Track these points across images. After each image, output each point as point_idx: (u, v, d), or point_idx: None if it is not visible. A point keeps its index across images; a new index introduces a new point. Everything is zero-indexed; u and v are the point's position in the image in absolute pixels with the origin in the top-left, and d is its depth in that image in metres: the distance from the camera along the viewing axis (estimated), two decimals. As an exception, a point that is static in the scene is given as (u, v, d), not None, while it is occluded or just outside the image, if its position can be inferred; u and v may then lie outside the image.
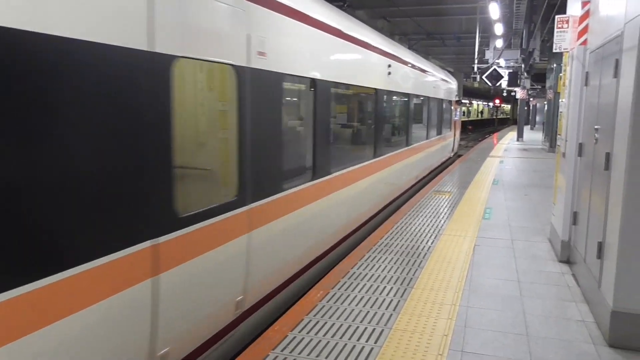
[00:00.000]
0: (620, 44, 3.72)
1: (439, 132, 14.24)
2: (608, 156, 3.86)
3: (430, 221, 7.27)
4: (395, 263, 5.34)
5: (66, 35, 2.21)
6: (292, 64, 4.53)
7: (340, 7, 9.44)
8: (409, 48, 24.64)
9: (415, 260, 5.43)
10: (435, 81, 12.98)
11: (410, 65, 9.86)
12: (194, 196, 3.43)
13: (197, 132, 3.73)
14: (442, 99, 14.44)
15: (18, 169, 2.04)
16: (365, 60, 6.92)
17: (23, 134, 2.05)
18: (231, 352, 3.94)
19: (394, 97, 9.03)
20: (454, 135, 18.34)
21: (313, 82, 5.10)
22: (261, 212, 4.00)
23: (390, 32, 22.55)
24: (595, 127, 4.44)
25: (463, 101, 49.06)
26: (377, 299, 4.38)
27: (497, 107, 68.63)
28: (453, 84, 17.20)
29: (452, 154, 18.17)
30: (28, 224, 2.11)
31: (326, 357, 3.39)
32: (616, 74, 3.79)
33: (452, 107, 17.27)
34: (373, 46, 7.24)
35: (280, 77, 4.29)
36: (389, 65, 8.02)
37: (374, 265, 5.26)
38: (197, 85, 3.75)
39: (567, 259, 5.47)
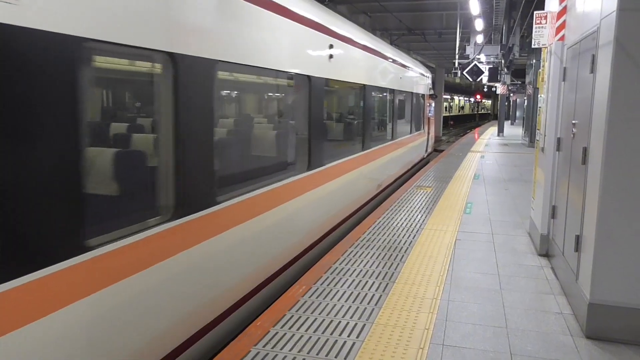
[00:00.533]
0: (597, 40, 3.77)
1: (407, 132, 12.20)
2: (585, 150, 3.92)
3: (412, 216, 7.31)
4: (377, 258, 5.36)
5: None
6: (107, 22, 2.60)
7: (322, 2, 9.36)
8: (390, 43, 24.72)
9: (397, 255, 5.46)
10: (402, 71, 10.87)
11: (364, 48, 7.71)
12: None
13: None
14: (411, 92, 12.36)
15: None
16: (290, 36, 4.96)
17: None
18: (213, 349, 3.92)
19: (340, 88, 7.11)
20: (428, 133, 16.25)
21: (171, 59, 3.17)
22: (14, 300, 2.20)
23: (371, 28, 22.61)
24: (573, 121, 4.50)
25: (445, 96, 49.06)
26: (359, 293, 4.40)
27: (478, 102, 69.36)
28: (426, 76, 15.24)
29: (426, 155, 16.13)
30: None
31: (308, 352, 3.39)
32: (592, 70, 3.84)
33: (425, 102, 15.39)
34: (303, 17, 5.23)
35: (71, 44, 2.38)
36: (331, 46, 6.18)
37: (356, 260, 5.28)
38: None
39: (546, 253, 5.55)
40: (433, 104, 17.26)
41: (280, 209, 4.73)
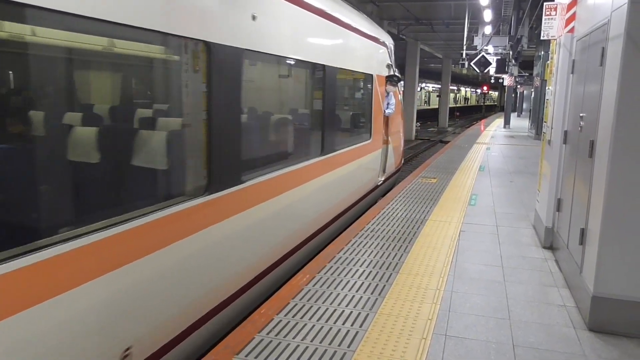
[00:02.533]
0: (607, 32, 3.74)
1: (338, 144, 6.54)
2: (592, 144, 3.91)
3: (417, 207, 7.31)
4: (381, 248, 5.37)
5: None
6: None
7: None
8: (398, 33, 24.58)
9: (401, 246, 5.47)
10: (325, 28, 5.89)
11: None
12: None
13: None
14: (347, 71, 6.99)
15: None
16: None
17: None
18: (217, 335, 3.95)
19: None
20: (387, 142, 9.32)
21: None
22: None
23: (379, 17, 22.47)
24: (581, 114, 4.48)
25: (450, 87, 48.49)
26: (362, 283, 4.42)
27: (484, 94, 69.06)
28: (380, 42, 8.78)
29: (382, 181, 9.19)
30: None
31: (311, 341, 3.42)
32: (602, 62, 3.82)
33: (377, 89, 8.47)
34: None
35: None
36: None
37: (360, 250, 5.30)
38: None
39: (550, 245, 5.55)
40: (394, 94, 9.32)
41: None
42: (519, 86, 34.09)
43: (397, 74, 9.74)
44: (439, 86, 44.55)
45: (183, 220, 3.37)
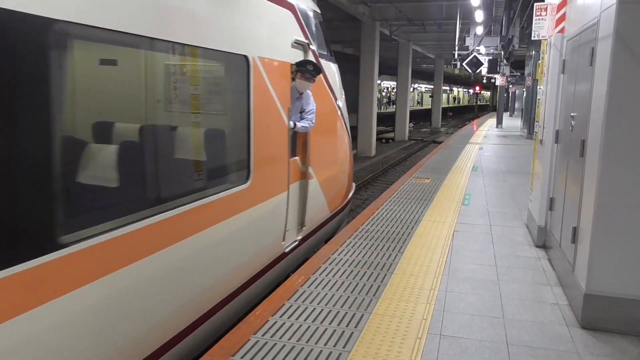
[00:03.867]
0: (596, 33, 3.78)
1: (119, 211, 2.86)
2: (583, 143, 3.94)
3: (411, 207, 7.34)
4: (375, 249, 5.39)
5: None
6: None
7: None
8: (390, 34, 24.60)
9: (396, 246, 5.49)
10: None
11: None
12: None
13: None
14: (152, 41, 3.03)
15: None
16: None
17: None
18: (212, 336, 3.96)
19: None
20: (307, 176, 5.62)
21: None
22: None
23: (371, 18, 22.53)
24: (572, 114, 4.52)
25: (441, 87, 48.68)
26: (357, 284, 4.43)
27: (477, 94, 69.35)
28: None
29: (299, 239, 5.52)
30: None
31: (307, 342, 3.43)
32: (592, 62, 3.85)
33: (268, 85, 4.50)
34: None
35: None
36: None
37: (355, 250, 5.31)
38: None
39: (543, 244, 5.58)
40: (315, 94, 5.59)
41: None
42: (510, 86, 34.27)
43: (310, 59, 5.56)
44: (432, 86, 44.70)
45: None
